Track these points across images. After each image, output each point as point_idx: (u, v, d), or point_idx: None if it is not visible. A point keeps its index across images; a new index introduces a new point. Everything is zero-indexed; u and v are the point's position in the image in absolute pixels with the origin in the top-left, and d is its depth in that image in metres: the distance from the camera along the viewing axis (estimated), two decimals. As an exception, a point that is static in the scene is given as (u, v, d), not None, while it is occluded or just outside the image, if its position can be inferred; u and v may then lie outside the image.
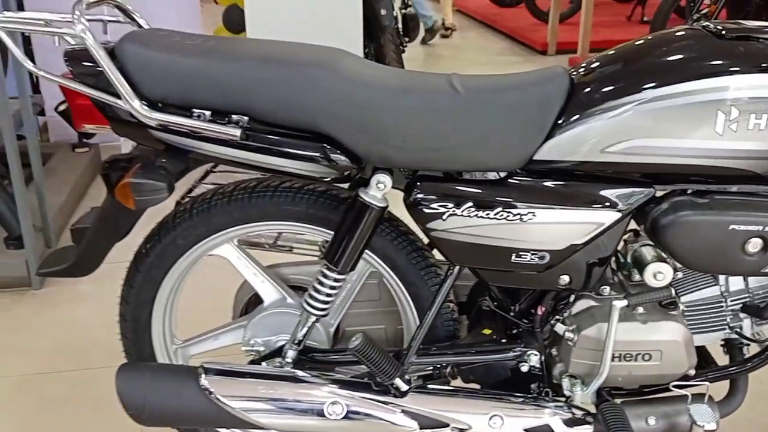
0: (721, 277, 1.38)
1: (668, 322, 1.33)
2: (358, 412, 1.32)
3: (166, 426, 1.37)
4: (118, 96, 1.19)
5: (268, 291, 1.49)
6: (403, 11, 5.23)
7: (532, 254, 1.27)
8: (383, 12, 4.70)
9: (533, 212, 1.25)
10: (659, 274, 1.32)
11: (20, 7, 3.59)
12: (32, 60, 3.26)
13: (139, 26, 1.39)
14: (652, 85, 1.19)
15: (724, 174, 1.22)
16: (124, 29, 1.33)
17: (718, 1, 4.66)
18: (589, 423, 1.36)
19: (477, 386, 1.44)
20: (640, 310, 1.34)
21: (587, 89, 1.23)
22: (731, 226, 1.23)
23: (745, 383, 1.43)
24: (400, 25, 5.25)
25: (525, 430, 1.35)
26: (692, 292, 1.39)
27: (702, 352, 1.47)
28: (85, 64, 1.21)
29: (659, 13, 4.84)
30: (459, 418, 1.33)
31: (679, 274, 1.40)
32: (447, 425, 1.34)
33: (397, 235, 1.40)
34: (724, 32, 1.22)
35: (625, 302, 1.30)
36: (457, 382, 1.46)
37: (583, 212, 1.25)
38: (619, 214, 1.26)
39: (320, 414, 1.31)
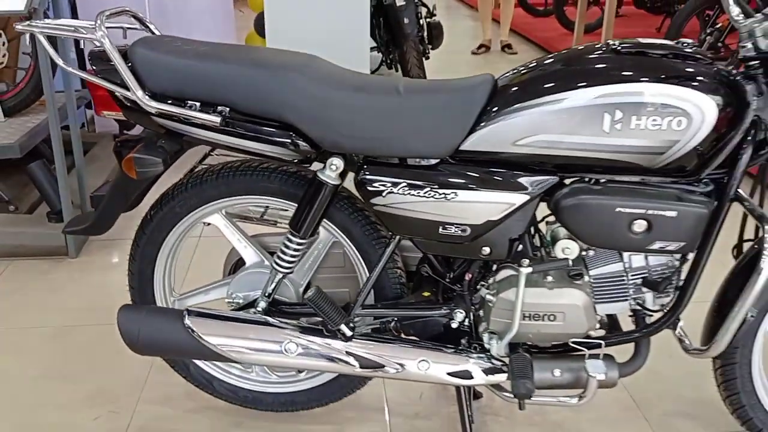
0: (625, 255, 1.62)
1: (571, 289, 1.58)
2: (309, 351, 1.62)
3: (156, 355, 1.70)
4: (127, 88, 1.51)
5: (250, 255, 1.79)
6: (428, 20, 5.48)
7: (456, 227, 1.55)
8: (406, 21, 4.98)
9: (456, 192, 1.52)
10: (566, 249, 1.58)
11: (73, 10, 4.01)
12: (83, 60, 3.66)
13: (152, 33, 1.71)
14: (555, 90, 1.45)
15: (613, 165, 1.47)
16: (142, 35, 1.66)
17: None
18: (503, 371, 1.62)
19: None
20: (550, 278, 1.60)
21: (505, 93, 1.50)
22: (618, 209, 1.48)
23: (647, 348, 1.67)
24: (425, 34, 5.52)
25: (448, 373, 1.62)
26: (600, 267, 1.63)
27: (612, 320, 1.72)
28: (103, 62, 1.53)
29: (672, 27, 5.02)
30: (392, 360, 1.62)
31: (591, 252, 1.65)
32: (383, 366, 1.62)
33: (354, 210, 1.69)
34: (620, 48, 1.48)
35: (530, 269, 1.56)
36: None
37: (498, 194, 1.52)
38: (528, 197, 1.52)
39: (278, 351, 1.61)
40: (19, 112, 3.18)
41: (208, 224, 1.80)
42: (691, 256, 1.57)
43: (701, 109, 1.40)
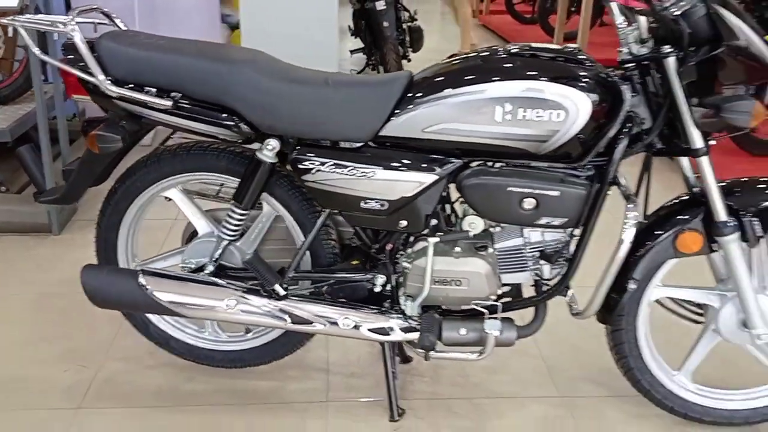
0: (525, 231, 1.85)
1: (475, 259, 1.82)
2: (247, 308, 1.86)
3: (114, 308, 1.94)
4: (92, 74, 1.75)
5: (203, 226, 2.03)
6: (409, 24, 5.73)
7: (375, 202, 1.79)
8: (386, 24, 5.23)
9: (375, 171, 1.76)
10: (472, 224, 1.83)
11: (68, 7, 4.27)
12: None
13: (119, 27, 1.96)
14: (457, 85, 1.69)
15: (506, 151, 1.71)
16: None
17: None
18: (416, 330, 1.86)
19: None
20: (458, 249, 1.84)
21: (417, 87, 1.74)
22: (510, 188, 1.73)
23: (543, 313, 1.91)
24: (406, 37, 5.77)
25: (369, 329, 1.86)
26: (503, 241, 1.87)
27: (516, 288, 1.95)
28: (73, 52, 1.77)
29: None
30: (321, 317, 1.86)
31: (498, 228, 1.89)
32: (311, 322, 1.86)
33: (292, 187, 1.92)
34: (515, 51, 1.72)
35: (437, 239, 1.80)
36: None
37: (410, 174, 1.76)
38: (437, 177, 1.76)
39: (220, 307, 1.85)
40: (13, 100, 3.42)
41: (169, 199, 2.05)
42: (578, 232, 1.81)
43: (576, 105, 1.64)
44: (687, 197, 1.85)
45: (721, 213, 1.74)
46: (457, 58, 1.79)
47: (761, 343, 1.85)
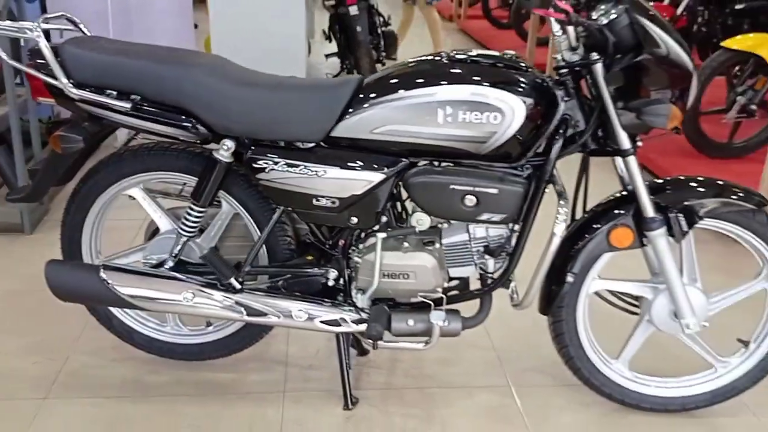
0: (471, 226, 1.96)
1: (422, 253, 1.92)
2: (204, 301, 1.95)
3: (77, 302, 2.02)
4: (55, 78, 1.84)
5: (164, 224, 2.12)
6: (383, 29, 5.84)
7: (326, 199, 1.89)
8: (359, 29, 5.33)
9: (326, 170, 1.86)
10: (420, 220, 1.93)
11: (43, 9, 4.34)
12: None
13: (84, 33, 2.04)
14: (401, 89, 1.79)
15: (449, 151, 1.81)
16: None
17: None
18: (366, 321, 1.96)
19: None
20: (407, 244, 1.94)
21: (366, 91, 1.84)
22: (452, 186, 1.83)
23: (488, 305, 2.01)
24: (381, 42, 5.88)
25: (321, 321, 1.96)
26: (450, 237, 1.97)
27: (464, 281, 2.05)
28: (39, 56, 1.86)
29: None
30: (275, 310, 1.95)
31: (445, 225, 1.99)
32: (266, 314, 1.96)
33: (249, 186, 2.01)
34: (456, 57, 1.82)
35: (384, 234, 1.90)
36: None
37: (359, 173, 1.86)
38: (384, 176, 1.86)
39: (178, 300, 1.94)
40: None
41: (132, 198, 2.13)
42: (519, 228, 1.91)
43: (512, 108, 1.74)
44: (621, 195, 1.96)
45: (648, 209, 1.85)
46: (403, 62, 1.89)
47: (690, 332, 1.96)
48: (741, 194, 1.88)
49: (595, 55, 1.75)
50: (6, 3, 2.97)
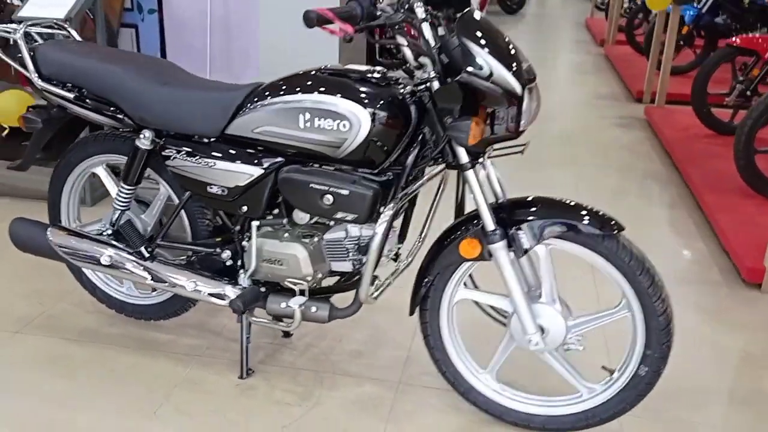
0: (348, 226, 2.14)
1: (296, 244, 2.14)
2: (117, 263, 2.31)
3: (29, 253, 2.45)
4: (27, 70, 2.30)
5: (123, 200, 2.52)
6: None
7: (217, 188, 2.17)
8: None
9: (215, 162, 2.15)
10: (300, 216, 2.15)
11: (161, 20, 5.03)
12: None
13: (68, 36, 2.50)
14: (276, 95, 2.03)
15: (311, 153, 2.02)
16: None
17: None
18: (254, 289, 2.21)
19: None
20: (286, 235, 2.17)
21: (256, 95, 2.10)
22: (312, 185, 2.03)
23: (358, 300, 2.17)
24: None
25: (209, 293, 2.24)
26: (332, 233, 2.16)
27: (350, 274, 2.23)
28: (18, 52, 2.33)
29: (697, 82, 5.18)
30: (172, 278, 2.27)
31: (332, 222, 2.19)
32: (165, 281, 2.28)
33: (175, 171, 2.36)
34: (329, 71, 2.03)
35: (257, 223, 2.15)
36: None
37: (242, 166, 2.12)
38: (263, 171, 2.11)
39: (96, 259, 2.32)
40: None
41: (95, 175, 2.54)
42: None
43: (359, 118, 1.92)
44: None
45: (488, 223, 1.93)
46: (295, 73, 2.13)
47: (534, 348, 2.00)
48: (591, 218, 1.90)
49: (432, 74, 1.88)
50: (73, 11, 3.56)
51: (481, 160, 1.96)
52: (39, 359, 2.46)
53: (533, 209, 1.94)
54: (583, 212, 1.92)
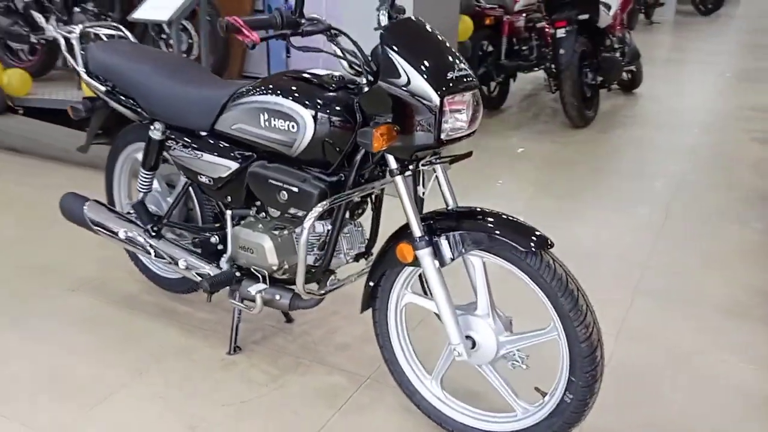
0: (315, 221, 2.25)
1: (264, 235, 2.29)
2: (131, 238, 2.61)
3: (73, 222, 2.83)
4: (76, 65, 2.67)
5: (155, 184, 2.83)
6: (605, 54, 5.73)
7: (205, 177, 2.38)
8: (562, 51, 5.37)
9: (202, 154, 2.36)
10: (272, 210, 2.31)
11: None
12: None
13: (125, 38, 2.84)
14: (246, 96, 2.19)
15: (271, 150, 2.16)
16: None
17: None
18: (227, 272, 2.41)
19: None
20: (260, 226, 2.33)
21: (237, 95, 2.28)
22: (270, 181, 2.17)
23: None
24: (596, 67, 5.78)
25: (196, 273, 2.46)
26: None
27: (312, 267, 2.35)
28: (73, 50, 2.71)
29: None
30: (170, 255, 2.53)
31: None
32: (164, 257, 2.54)
33: (188, 160, 2.61)
34: (295, 74, 2.15)
35: (230, 212, 2.33)
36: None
37: (222, 159, 2.32)
38: (238, 165, 2.28)
39: (116, 233, 2.64)
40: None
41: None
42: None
43: (305, 120, 2.03)
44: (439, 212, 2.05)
45: (414, 229, 1.95)
46: (267, 76, 2.28)
47: (458, 359, 1.99)
48: (512, 233, 1.85)
49: (363, 81, 1.94)
50: (174, 15, 3.98)
51: (411, 167, 1.98)
52: (78, 315, 2.84)
53: (459, 219, 1.93)
54: (505, 226, 1.87)
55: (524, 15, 6.23)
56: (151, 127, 2.53)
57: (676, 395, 2.39)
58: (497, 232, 1.87)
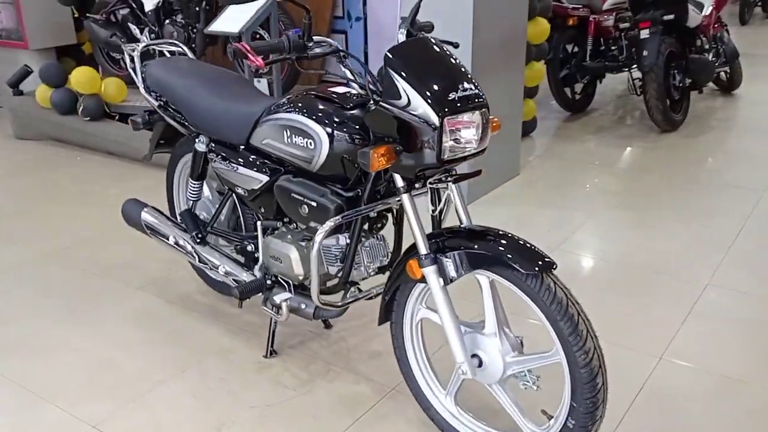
0: (339, 234, 2.30)
1: (291, 245, 2.38)
2: (179, 243, 2.77)
3: (133, 227, 3.03)
4: (137, 80, 2.86)
5: (205, 191, 2.99)
6: (693, 56, 5.46)
7: (241, 189, 2.50)
8: (645, 53, 5.18)
9: (238, 167, 2.48)
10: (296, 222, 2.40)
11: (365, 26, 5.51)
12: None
13: (185, 54, 3.01)
14: (273, 113, 2.28)
15: (295, 165, 2.24)
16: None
17: None
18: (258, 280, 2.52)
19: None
20: (289, 236, 2.42)
21: (268, 111, 2.38)
22: (293, 195, 2.25)
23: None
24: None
25: (234, 279, 2.59)
26: (327, 240, 2.35)
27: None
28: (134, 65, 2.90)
29: None
30: (211, 262, 2.67)
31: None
32: (206, 263, 2.68)
33: (234, 172, 2.74)
34: (318, 93, 2.22)
35: (260, 222, 2.43)
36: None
37: (254, 173, 2.42)
38: (268, 179, 2.38)
39: (168, 238, 2.81)
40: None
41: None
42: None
43: (320, 137, 2.10)
44: (451, 229, 2.06)
45: (421, 246, 1.97)
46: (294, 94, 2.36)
47: (463, 377, 1.99)
48: (513, 254, 1.84)
49: (370, 101, 1.97)
50: (245, 27, 4.14)
51: (418, 185, 2.00)
52: (136, 312, 3.05)
53: (466, 238, 1.94)
54: (509, 247, 1.86)
55: (613, 14, 6.03)
56: (197, 140, 2.68)
57: (716, 425, 2.28)
58: (493, 252, 1.87)
